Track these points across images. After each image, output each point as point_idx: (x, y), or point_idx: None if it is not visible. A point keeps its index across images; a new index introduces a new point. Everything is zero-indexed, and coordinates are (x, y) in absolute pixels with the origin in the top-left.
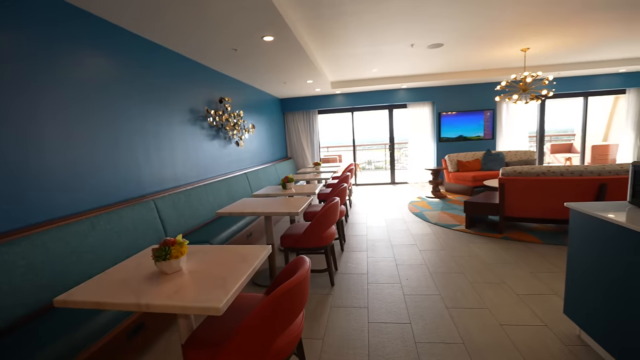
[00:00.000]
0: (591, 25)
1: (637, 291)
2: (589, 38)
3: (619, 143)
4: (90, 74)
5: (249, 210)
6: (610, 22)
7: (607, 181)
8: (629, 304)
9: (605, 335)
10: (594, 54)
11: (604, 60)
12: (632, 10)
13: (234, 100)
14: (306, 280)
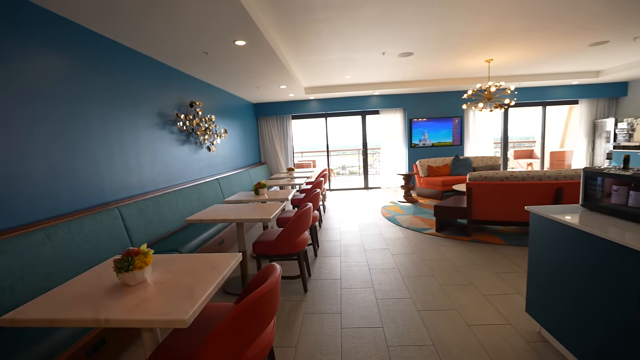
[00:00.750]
0: (547, 41)
1: (587, 289)
2: (546, 52)
3: (573, 149)
4: (40, 72)
5: (220, 217)
6: (563, 38)
7: (563, 185)
8: (580, 301)
9: (562, 331)
10: (550, 67)
11: (560, 72)
12: (579, 28)
13: (205, 104)
14: (276, 288)
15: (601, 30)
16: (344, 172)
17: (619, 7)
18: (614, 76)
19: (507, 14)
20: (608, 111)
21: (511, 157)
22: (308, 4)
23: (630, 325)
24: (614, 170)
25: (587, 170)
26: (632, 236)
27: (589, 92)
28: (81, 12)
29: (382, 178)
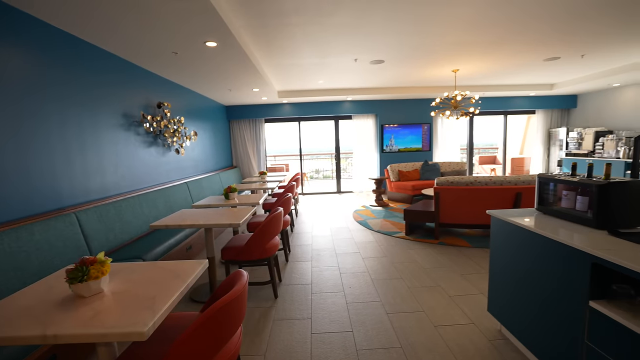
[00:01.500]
0: (507, 54)
1: (539, 287)
2: (506, 65)
3: (531, 156)
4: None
5: (187, 222)
6: (521, 53)
7: (522, 190)
8: (534, 299)
9: (519, 329)
10: (510, 79)
11: (519, 84)
12: (535, 44)
13: (174, 105)
14: (243, 295)
15: (553, 47)
16: (318, 176)
17: (567, 27)
18: (566, 89)
19: (471, 28)
20: (561, 121)
21: (476, 163)
22: (280, 8)
23: (577, 324)
24: (563, 176)
25: (541, 177)
26: (580, 237)
27: (544, 103)
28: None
29: (355, 182)
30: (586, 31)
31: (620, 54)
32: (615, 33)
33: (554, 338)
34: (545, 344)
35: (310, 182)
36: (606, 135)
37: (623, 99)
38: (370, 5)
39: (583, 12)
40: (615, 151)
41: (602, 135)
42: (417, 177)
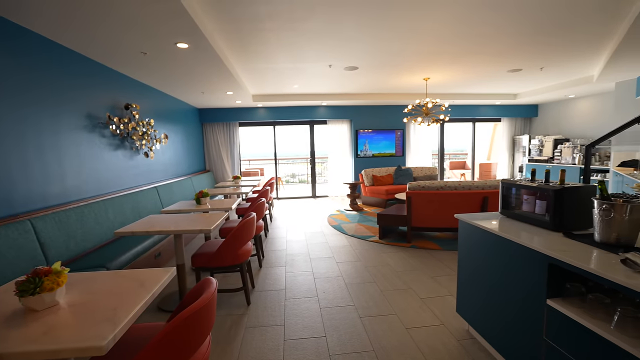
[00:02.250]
0: (474, 65)
1: (502, 287)
2: (474, 74)
3: (498, 162)
4: None
5: (155, 228)
6: (487, 64)
7: (488, 194)
8: (498, 299)
9: (485, 327)
10: (478, 88)
11: (486, 93)
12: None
13: (143, 107)
14: (211, 303)
15: (516, 59)
16: (294, 180)
17: (528, 41)
18: (528, 99)
19: (441, 39)
20: (524, 129)
21: (447, 168)
22: (254, 12)
23: (537, 321)
24: (524, 182)
25: (504, 182)
26: (538, 239)
27: (509, 111)
28: None
29: (330, 187)
30: (545, 46)
31: (575, 67)
32: (569, 49)
33: (516, 336)
34: (509, 342)
35: (286, 186)
36: (564, 143)
37: (578, 109)
38: (342, 13)
39: (542, 28)
40: (571, 158)
41: (560, 142)
42: (390, 181)
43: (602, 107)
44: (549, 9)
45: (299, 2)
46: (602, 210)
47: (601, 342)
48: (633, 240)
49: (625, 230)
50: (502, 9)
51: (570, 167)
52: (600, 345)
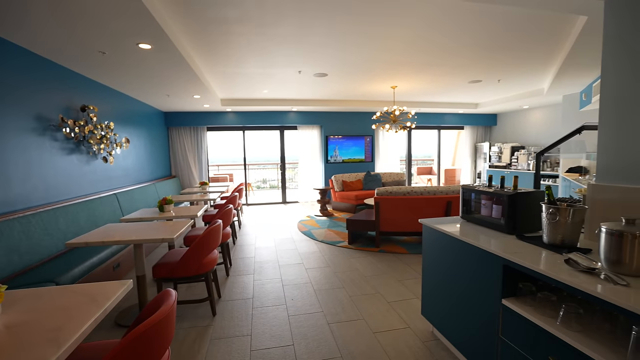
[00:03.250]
0: (438, 75)
1: (462, 289)
2: (438, 84)
3: (461, 168)
4: None
5: (113, 238)
6: (450, 74)
7: (452, 199)
8: (459, 299)
9: (447, 328)
10: (442, 97)
11: (449, 102)
12: (461, 68)
13: (102, 109)
14: (169, 316)
15: (476, 71)
16: (265, 185)
17: (487, 55)
18: (488, 109)
19: (407, 50)
20: (485, 136)
21: (415, 173)
22: (222, 15)
23: (494, 320)
24: (481, 187)
25: (464, 187)
26: (494, 242)
27: (471, 120)
28: None
29: (300, 192)
30: (501, 60)
31: (528, 81)
32: (523, 63)
33: (476, 335)
34: (469, 341)
35: (257, 192)
36: (520, 150)
37: (532, 119)
38: (312, 19)
39: (499, 44)
40: (527, 164)
41: (517, 149)
42: (360, 187)
43: (552, 117)
44: (503, 27)
45: (269, 7)
46: (549, 214)
47: (549, 337)
48: (575, 241)
49: (569, 232)
50: (462, 25)
51: (526, 172)
52: (548, 340)
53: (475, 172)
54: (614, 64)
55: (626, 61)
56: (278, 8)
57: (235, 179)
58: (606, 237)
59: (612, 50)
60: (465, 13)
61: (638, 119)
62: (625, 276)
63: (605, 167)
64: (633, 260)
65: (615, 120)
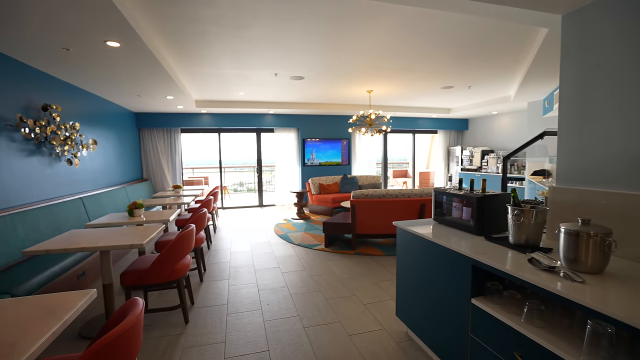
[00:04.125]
0: (412, 80)
1: (434, 289)
2: (412, 89)
3: (435, 171)
4: None
5: (76, 245)
6: (423, 80)
7: (425, 201)
8: (431, 300)
9: (419, 328)
10: (416, 102)
11: (423, 107)
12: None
13: (66, 109)
14: (135, 326)
15: (448, 77)
16: (242, 189)
17: (457, 62)
18: (459, 114)
19: (381, 55)
20: (457, 140)
21: (391, 176)
22: (196, 15)
23: (464, 319)
24: (452, 190)
25: (436, 190)
26: (464, 243)
27: (444, 124)
28: None
29: (277, 195)
30: (472, 67)
31: (496, 88)
32: (491, 71)
33: (447, 334)
34: (441, 340)
35: (233, 195)
36: (489, 154)
37: (500, 124)
38: (288, 22)
39: (468, 52)
40: (496, 167)
41: (487, 153)
42: (337, 190)
43: (519, 122)
44: (473, 36)
45: (244, 8)
46: (514, 216)
47: (514, 334)
48: (538, 241)
49: (532, 232)
50: (435, 33)
51: (495, 175)
52: (514, 337)
53: (448, 174)
54: (570, 74)
55: (580, 72)
56: (254, 10)
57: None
58: (564, 236)
59: (569, 61)
60: (436, 21)
61: (591, 127)
62: (581, 273)
63: (564, 170)
64: (588, 259)
65: (572, 127)
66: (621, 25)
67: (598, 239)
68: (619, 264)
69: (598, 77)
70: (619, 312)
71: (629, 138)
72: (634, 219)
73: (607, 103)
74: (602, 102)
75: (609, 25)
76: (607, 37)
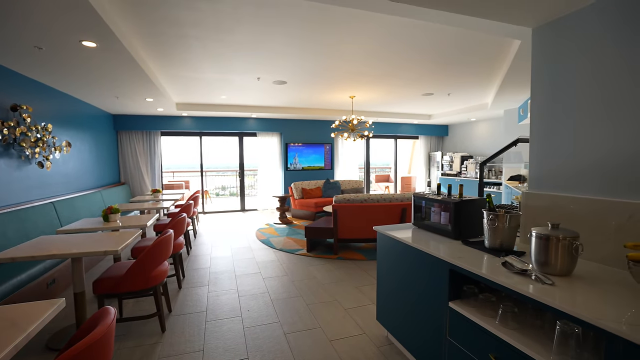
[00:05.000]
0: (394, 87)
1: (413, 293)
2: (394, 95)
3: (416, 175)
4: None
5: (46, 252)
6: (405, 87)
7: (406, 206)
8: (411, 304)
9: (400, 332)
10: (398, 108)
11: (405, 113)
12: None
13: (38, 109)
14: (105, 337)
15: (428, 84)
16: (224, 193)
17: (437, 70)
18: (440, 120)
19: (364, 60)
20: (437, 146)
21: (373, 181)
22: (176, 18)
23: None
24: (431, 195)
25: (415, 195)
26: (442, 248)
27: (425, 130)
28: None
29: (259, 200)
30: (451, 75)
31: (474, 95)
32: (470, 79)
33: (426, 338)
34: (420, 343)
35: (216, 199)
36: (468, 159)
37: (478, 131)
38: (269, 27)
39: (448, 61)
40: (475, 172)
41: (466, 159)
42: (319, 194)
43: (496, 129)
44: (452, 45)
45: (225, 12)
46: (489, 220)
47: (489, 336)
48: (512, 245)
49: (506, 236)
50: (414, 40)
51: (474, 180)
52: (489, 339)
53: (429, 179)
54: (540, 85)
55: (550, 83)
56: (235, 14)
57: (191, 186)
58: (536, 240)
59: (539, 72)
60: (415, 29)
61: (560, 135)
62: (551, 276)
63: (536, 176)
64: (557, 261)
65: (542, 136)
66: (587, 40)
67: (566, 242)
68: (587, 266)
69: (566, 88)
70: (584, 313)
71: (594, 146)
72: (599, 223)
73: (574, 114)
74: (570, 112)
75: (576, 39)
76: (574, 50)
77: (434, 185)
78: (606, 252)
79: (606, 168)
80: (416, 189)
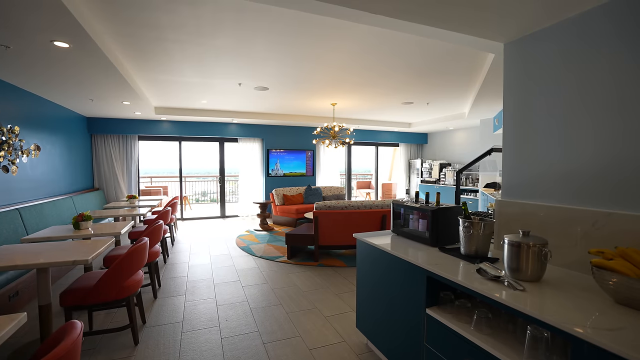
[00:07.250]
0: (374, 95)
1: (391, 300)
2: (374, 103)
3: (397, 182)
4: None
5: (7, 262)
6: (385, 95)
7: (386, 213)
8: (389, 311)
9: (380, 340)
10: (379, 115)
11: (385, 121)
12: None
13: (3, 111)
14: (71, 352)
15: (407, 93)
16: (204, 199)
17: (415, 80)
18: (419, 128)
19: (344, 69)
20: (417, 153)
21: (355, 187)
22: (154, 20)
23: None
24: (409, 202)
25: (394, 203)
26: (419, 255)
27: (405, 138)
28: None
29: (240, 206)
30: (429, 85)
31: (452, 105)
32: (448, 90)
33: (404, 344)
34: (398, 350)
35: (195, 206)
36: (447, 167)
37: (456, 139)
38: (251, 32)
39: (426, 71)
40: (453, 180)
41: (445, 166)
42: (301, 201)
43: (472, 138)
44: (431, 55)
45: (206, 17)
46: (465, 227)
47: (465, 342)
48: (487, 251)
49: (481, 243)
50: (395, 50)
51: (452, 187)
52: (464, 344)
53: (409, 186)
54: (512, 97)
55: (520, 96)
56: (216, 19)
57: (170, 191)
58: (508, 247)
59: (510, 85)
60: (393, 40)
61: (531, 145)
62: (523, 282)
63: (508, 184)
64: (528, 268)
65: (514, 146)
66: (556, 55)
67: (536, 249)
68: (555, 271)
69: (536, 101)
70: (552, 318)
71: (561, 158)
72: (566, 230)
73: (542, 126)
74: (539, 124)
75: (545, 54)
76: (543, 65)
77: (412, 192)
78: (573, 258)
79: (572, 178)
80: (397, 196)
